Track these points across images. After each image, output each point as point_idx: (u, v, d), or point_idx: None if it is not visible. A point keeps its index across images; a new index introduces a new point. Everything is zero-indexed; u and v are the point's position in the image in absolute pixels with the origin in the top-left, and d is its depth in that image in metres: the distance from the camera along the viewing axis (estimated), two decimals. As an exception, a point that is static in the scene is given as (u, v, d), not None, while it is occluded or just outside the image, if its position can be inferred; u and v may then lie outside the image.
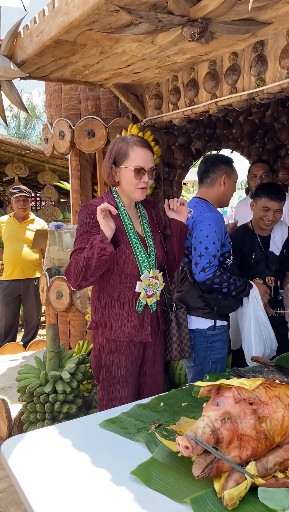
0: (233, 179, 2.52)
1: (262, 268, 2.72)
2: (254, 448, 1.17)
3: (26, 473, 1.30)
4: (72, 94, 3.47)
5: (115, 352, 2.00)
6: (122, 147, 1.98)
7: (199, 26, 1.85)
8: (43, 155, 7.96)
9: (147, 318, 2.03)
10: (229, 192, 2.53)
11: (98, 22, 1.93)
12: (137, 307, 2.00)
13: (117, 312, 1.99)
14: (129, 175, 1.97)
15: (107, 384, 2.02)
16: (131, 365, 2.03)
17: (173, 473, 1.24)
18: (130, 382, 2.04)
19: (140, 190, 2.00)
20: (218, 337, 2.36)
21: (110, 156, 2.02)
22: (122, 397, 2.00)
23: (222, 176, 2.48)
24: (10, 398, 3.20)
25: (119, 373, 2.00)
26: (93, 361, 2.10)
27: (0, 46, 2.46)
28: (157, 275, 2.02)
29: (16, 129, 27.58)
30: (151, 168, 1.99)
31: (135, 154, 1.96)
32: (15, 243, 4.67)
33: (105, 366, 2.02)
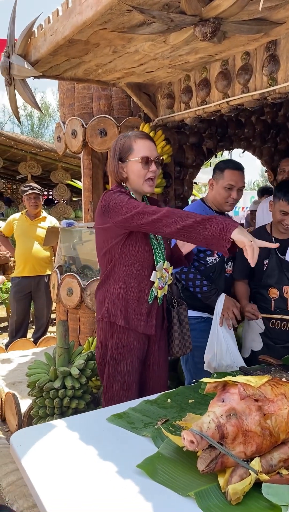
0: (221, 184, 2.50)
1: (277, 276, 2.50)
2: (259, 445, 1.18)
3: (35, 465, 1.33)
4: (85, 93, 3.50)
5: (122, 347, 2.01)
6: (125, 142, 2.01)
7: (211, 25, 1.86)
8: (56, 154, 8.03)
9: (153, 311, 2.05)
10: (217, 196, 2.53)
11: (111, 21, 1.95)
12: (149, 297, 2.02)
13: (128, 299, 2.00)
14: (137, 167, 1.99)
15: (113, 379, 2.04)
16: (137, 360, 2.04)
17: (178, 467, 1.25)
18: (136, 378, 2.05)
19: (148, 183, 2.02)
20: (193, 326, 2.39)
21: (114, 153, 2.04)
22: (128, 392, 2.01)
23: (211, 180, 2.57)
24: (20, 393, 3.25)
25: (125, 369, 2.02)
26: (98, 357, 2.11)
27: (15, 46, 2.49)
28: (168, 268, 2.06)
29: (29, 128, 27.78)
30: (156, 157, 2.02)
31: (139, 146, 1.99)
32: (26, 240, 4.72)
33: (111, 361, 2.03)
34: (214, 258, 2.53)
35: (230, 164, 2.53)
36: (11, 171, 9.96)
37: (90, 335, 3.46)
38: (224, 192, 2.50)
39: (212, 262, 2.53)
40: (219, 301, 2.42)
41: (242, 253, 2.53)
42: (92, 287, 3.46)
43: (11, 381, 3.60)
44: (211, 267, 2.52)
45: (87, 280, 3.54)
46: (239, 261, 2.64)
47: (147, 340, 2.08)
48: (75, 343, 3.52)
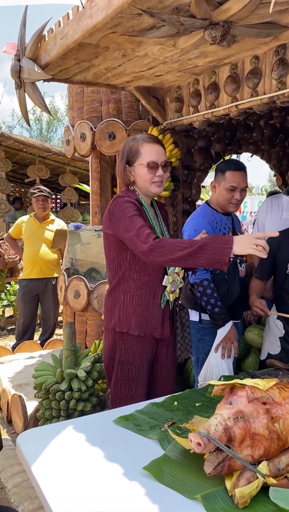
0: (223, 186, 2.47)
1: None
2: (266, 448, 1.17)
3: (41, 466, 1.33)
4: (94, 97, 3.52)
5: (131, 350, 2.01)
6: (133, 146, 2.01)
7: (221, 29, 1.86)
8: (64, 158, 8.07)
9: (166, 315, 2.06)
10: (220, 198, 2.51)
11: (121, 25, 1.97)
12: (162, 301, 2.01)
13: (144, 308, 2.00)
14: (143, 171, 1.98)
15: (121, 383, 2.03)
16: (145, 364, 2.04)
17: (184, 470, 1.24)
18: (143, 381, 2.05)
19: (155, 184, 2.00)
20: (208, 330, 2.41)
21: (122, 156, 2.04)
22: (135, 396, 2.01)
23: (213, 183, 2.54)
24: (26, 395, 3.25)
25: (133, 372, 2.01)
26: (106, 360, 2.11)
27: (25, 49, 2.52)
28: (179, 271, 2.05)
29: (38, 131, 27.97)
30: (164, 162, 1.99)
31: (146, 150, 1.97)
32: (34, 242, 4.74)
33: (120, 365, 2.03)
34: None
35: (231, 165, 2.49)
36: (19, 174, 10.02)
37: (97, 338, 3.46)
38: (226, 194, 2.47)
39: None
40: (224, 328, 2.38)
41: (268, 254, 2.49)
42: (99, 289, 3.46)
43: (17, 383, 3.61)
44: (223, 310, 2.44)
45: (95, 283, 3.55)
46: (265, 261, 2.55)
47: (155, 344, 2.08)
48: (82, 345, 3.52)
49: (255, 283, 2.60)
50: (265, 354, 2.62)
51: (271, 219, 3.24)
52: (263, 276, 2.59)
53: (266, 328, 2.69)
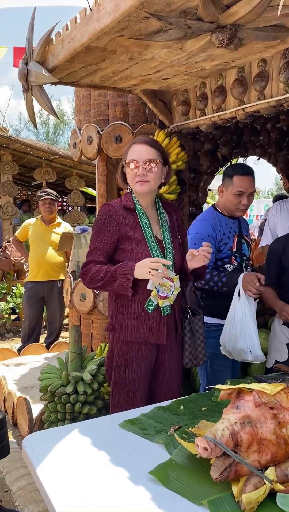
0: (230, 191, 2.46)
1: None
2: (274, 453, 1.16)
3: (47, 469, 1.32)
4: (101, 100, 3.53)
5: (127, 354, 2.00)
6: (126, 148, 2.07)
7: (228, 32, 1.86)
8: (71, 161, 8.10)
9: (163, 321, 2.02)
10: (227, 202, 2.51)
11: (129, 28, 1.97)
12: (146, 305, 1.98)
13: (134, 313, 1.99)
14: (128, 171, 2.03)
15: (118, 386, 2.03)
16: (142, 369, 2.02)
17: (191, 475, 1.23)
18: (142, 385, 2.02)
19: (138, 183, 2.00)
20: (212, 333, 2.41)
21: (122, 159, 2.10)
22: (133, 400, 1.99)
23: (220, 187, 2.54)
24: (32, 398, 3.25)
25: (130, 376, 2.00)
26: (106, 362, 2.12)
27: (33, 53, 2.53)
28: (172, 277, 2.02)
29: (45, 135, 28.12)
30: (146, 160, 1.97)
31: (131, 151, 2.02)
32: (41, 245, 4.75)
33: (117, 367, 2.02)
34: (233, 265, 2.49)
35: (239, 169, 2.48)
36: (26, 177, 10.07)
37: (103, 341, 3.46)
38: (234, 199, 2.46)
39: (230, 268, 2.48)
40: (240, 279, 2.32)
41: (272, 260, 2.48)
42: (105, 293, 3.46)
43: (23, 386, 3.61)
44: (230, 273, 2.47)
45: (101, 286, 3.54)
46: (270, 266, 2.58)
47: (155, 349, 2.05)
48: (88, 348, 3.52)
49: (268, 291, 2.55)
50: (272, 362, 2.58)
51: (281, 223, 3.25)
52: (272, 282, 2.57)
53: (271, 335, 2.66)
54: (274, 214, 3.33)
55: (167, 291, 2.00)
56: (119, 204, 2.04)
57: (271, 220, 3.35)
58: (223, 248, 2.46)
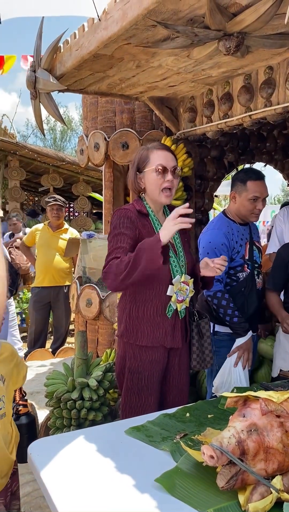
0: (244, 197, 2.42)
1: None
2: (281, 462, 1.15)
3: (53, 475, 1.32)
4: (108, 107, 3.55)
5: (140, 359, 2.00)
6: (143, 154, 2.04)
7: (235, 40, 1.87)
8: (78, 167, 8.15)
9: (177, 324, 2.04)
10: (241, 208, 2.46)
11: (136, 36, 1.99)
12: (167, 311, 2.00)
13: (150, 318, 1.99)
14: (152, 177, 1.99)
15: (131, 392, 2.03)
16: (155, 373, 2.03)
17: (197, 483, 1.23)
18: (154, 390, 2.03)
19: (164, 194, 2.00)
20: (223, 343, 2.40)
21: (133, 164, 2.07)
22: (146, 405, 1.99)
23: (232, 193, 2.49)
24: (37, 403, 3.25)
25: (143, 381, 2.00)
26: (118, 368, 2.11)
27: (41, 60, 2.55)
28: (188, 281, 2.03)
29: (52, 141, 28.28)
30: (173, 167, 2.00)
31: (155, 156, 1.99)
32: (48, 251, 4.77)
33: (130, 373, 2.02)
34: (245, 273, 2.44)
35: (252, 174, 2.45)
36: (33, 183, 10.14)
37: (108, 347, 3.46)
38: (249, 205, 2.43)
39: (243, 277, 2.44)
40: (243, 339, 2.35)
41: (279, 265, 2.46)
42: (111, 298, 3.46)
43: (29, 391, 3.61)
44: (242, 282, 2.44)
45: (107, 292, 3.55)
46: (276, 271, 2.55)
47: (166, 353, 2.06)
48: (94, 354, 3.51)
49: (275, 298, 2.54)
50: (277, 371, 2.57)
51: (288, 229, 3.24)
52: (277, 287, 2.55)
53: (276, 344, 2.63)
54: (281, 220, 3.32)
55: (183, 295, 2.02)
56: (134, 209, 2.03)
57: (278, 227, 3.34)
58: (235, 256, 2.42)
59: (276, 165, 4.16)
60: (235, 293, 2.42)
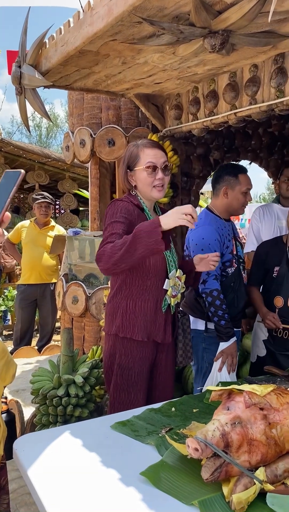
0: (238, 190, 2.46)
1: (285, 284, 2.50)
2: (264, 454, 1.17)
3: (38, 470, 1.32)
4: (94, 104, 3.55)
5: (131, 355, 2.01)
6: (133, 151, 2.04)
7: (220, 37, 1.89)
8: (63, 164, 8.10)
9: (168, 320, 2.06)
10: (234, 202, 2.50)
11: (122, 33, 1.99)
12: (162, 305, 2.02)
13: (146, 313, 2.00)
14: (143, 175, 2.00)
15: (120, 388, 2.03)
16: (144, 369, 2.04)
17: (182, 476, 1.24)
18: (143, 386, 2.05)
19: (156, 189, 2.01)
20: (214, 339, 2.41)
21: (124, 162, 2.07)
22: (135, 400, 2.00)
23: (223, 188, 2.50)
24: (23, 401, 3.24)
25: (133, 377, 2.01)
26: (106, 365, 2.11)
27: (26, 56, 2.54)
28: (181, 276, 2.06)
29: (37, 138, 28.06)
30: (163, 164, 2.00)
31: (145, 155, 2.00)
32: (34, 248, 4.74)
33: (120, 370, 2.02)
34: (233, 268, 2.48)
35: (240, 168, 2.50)
36: (19, 180, 10.03)
37: (95, 344, 3.46)
38: (242, 198, 2.48)
39: (232, 272, 2.47)
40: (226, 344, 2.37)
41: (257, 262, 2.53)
42: (97, 295, 3.46)
43: (14, 389, 3.60)
44: (231, 277, 2.47)
45: (93, 289, 3.55)
46: (255, 268, 2.65)
47: (155, 349, 2.08)
48: (80, 351, 3.51)
49: (256, 293, 2.66)
50: (254, 357, 2.71)
51: (265, 227, 3.26)
52: (256, 282, 2.68)
53: (253, 332, 2.77)
54: (257, 219, 3.34)
55: (176, 290, 2.05)
56: (130, 202, 2.03)
57: (255, 226, 3.36)
58: (225, 252, 2.45)
59: (261, 163, 4.20)
60: (225, 289, 2.44)
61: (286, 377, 1.97)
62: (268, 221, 3.27)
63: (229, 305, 2.42)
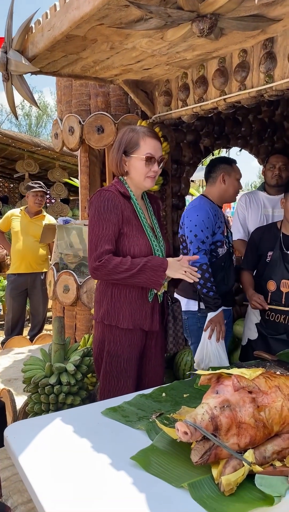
0: (233, 177, 2.66)
1: (278, 269, 2.57)
2: (253, 436, 1.19)
3: (29, 457, 1.33)
4: (83, 90, 3.50)
5: (120, 343, 2.02)
6: (133, 137, 2.01)
7: (208, 21, 1.86)
8: (53, 152, 8.04)
9: (156, 308, 2.07)
10: (230, 188, 2.67)
11: (109, 17, 1.95)
12: (149, 295, 2.03)
13: (131, 301, 2.01)
14: (140, 164, 2.00)
15: (110, 375, 2.04)
16: (134, 356, 2.05)
17: (172, 460, 1.25)
18: (132, 373, 2.06)
19: (149, 179, 2.03)
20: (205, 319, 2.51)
21: (120, 145, 2.04)
22: (124, 388, 2.01)
23: (221, 174, 2.65)
24: (15, 390, 3.24)
25: (122, 364, 2.02)
26: (95, 352, 2.11)
27: (12, 41, 2.49)
28: None
29: (27, 127, 27.74)
30: (160, 157, 2.04)
31: (146, 144, 1.99)
32: (24, 237, 4.71)
33: (109, 357, 2.03)
34: (224, 249, 2.60)
35: (232, 160, 2.72)
36: (8, 169, 9.96)
37: (86, 332, 3.46)
38: (237, 184, 2.69)
39: (222, 253, 2.60)
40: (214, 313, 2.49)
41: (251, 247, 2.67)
42: (88, 284, 3.46)
43: (6, 378, 3.60)
44: (222, 257, 2.59)
45: (84, 277, 3.54)
46: (249, 252, 2.76)
47: (144, 336, 2.08)
48: (71, 340, 3.52)
49: (246, 276, 2.76)
50: (245, 340, 2.78)
51: (252, 216, 3.25)
52: (249, 266, 2.77)
53: (246, 315, 2.83)
54: (243, 207, 3.32)
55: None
56: (116, 190, 2.02)
57: (240, 214, 3.33)
58: (217, 231, 2.56)
59: (251, 150, 4.19)
60: (215, 268, 2.55)
61: (275, 362, 1.99)
62: (254, 209, 3.26)
63: (220, 283, 2.53)
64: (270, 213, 3.22)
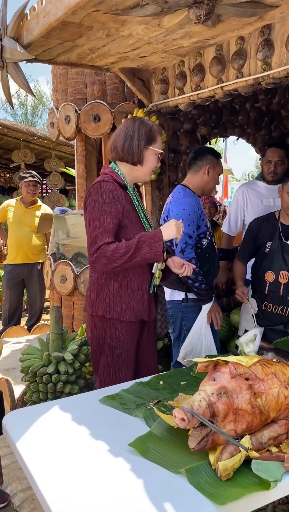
0: (217, 171, 2.67)
1: (276, 259, 2.56)
2: (249, 423, 1.20)
3: (28, 445, 1.34)
4: (79, 79, 3.47)
5: (121, 335, 2.02)
6: (152, 129, 2.03)
7: (205, 8, 1.85)
8: (49, 142, 7.96)
9: (151, 298, 2.09)
10: (212, 182, 2.68)
11: (105, 3, 1.93)
12: (151, 287, 2.05)
13: (132, 293, 2.01)
14: (153, 158, 2.04)
15: (111, 367, 2.04)
16: (132, 346, 2.07)
17: (169, 446, 1.27)
18: (132, 363, 2.07)
19: (151, 173, 2.09)
20: (191, 308, 2.57)
21: (139, 134, 2.00)
22: (126, 377, 2.02)
23: (206, 166, 2.63)
24: (13, 379, 3.25)
25: (123, 356, 2.03)
26: (94, 345, 2.09)
27: (7, 28, 2.46)
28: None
29: (23, 116, 27.51)
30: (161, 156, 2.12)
31: (159, 141, 2.06)
32: (20, 227, 4.70)
33: (110, 350, 2.03)
34: (207, 240, 2.61)
35: (217, 152, 2.72)
36: (4, 159, 9.88)
37: (84, 322, 3.47)
38: (217, 179, 2.71)
39: (206, 243, 2.60)
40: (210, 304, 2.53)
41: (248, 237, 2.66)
42: (85, 274, 3.46)
43: (4, 368, 3.61)
44: (205, 248, 2.59)
45: (81, 267, 3.54)
46: (246, 242, 2.75)
47: (141, 326, 2.10)
48: (69, 329, 3.53)
49: (238, 267, 2.77)
50: (242, 331, 2.80)
51: (252, 207, 3.20)
52: (245, 257, 2.77)
53: (242, 306, 2.85)
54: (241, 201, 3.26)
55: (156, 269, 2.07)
56: (114, 180, 1.99)
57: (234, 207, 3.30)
58: (201, 224, 2.56)
59: (248, 139, 4.17)
60: (201, 259, 2.56)
61: (272, 350, 2.00)
62: (254, 201, 3.20)
63: (206, 275, 2.55)
64: (272, 203, 3.17)
